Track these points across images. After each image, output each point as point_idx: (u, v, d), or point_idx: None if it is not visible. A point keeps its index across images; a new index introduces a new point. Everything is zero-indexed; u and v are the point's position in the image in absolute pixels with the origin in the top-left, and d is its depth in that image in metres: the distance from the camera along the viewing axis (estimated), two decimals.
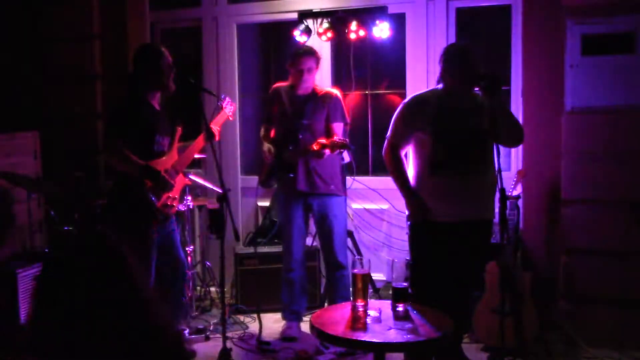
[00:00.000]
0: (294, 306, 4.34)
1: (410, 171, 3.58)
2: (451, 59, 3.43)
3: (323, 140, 3.96)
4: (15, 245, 4.30)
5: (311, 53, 4.20)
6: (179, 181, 3.70)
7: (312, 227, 4.51)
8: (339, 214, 4.25)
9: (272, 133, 4.35)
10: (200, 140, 3.80)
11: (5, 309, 3.71)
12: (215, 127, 3.87)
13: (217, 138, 3.87)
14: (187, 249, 4.55)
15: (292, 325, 4.32)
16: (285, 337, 4.24)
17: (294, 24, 4.72)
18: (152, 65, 3.55)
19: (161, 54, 3.58)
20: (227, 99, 4.22)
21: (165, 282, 3.72)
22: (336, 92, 4.30)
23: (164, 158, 3.61)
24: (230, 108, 4.14)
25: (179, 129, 3.76)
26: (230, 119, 4.23)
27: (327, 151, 3.93)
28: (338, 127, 4.21)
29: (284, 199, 4.34)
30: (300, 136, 4.16)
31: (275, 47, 5.70)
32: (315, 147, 3.96)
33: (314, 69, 4.22)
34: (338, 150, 3.93)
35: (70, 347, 1.32)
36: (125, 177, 3.52)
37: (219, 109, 4.13)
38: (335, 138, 3.97)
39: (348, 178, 4.48)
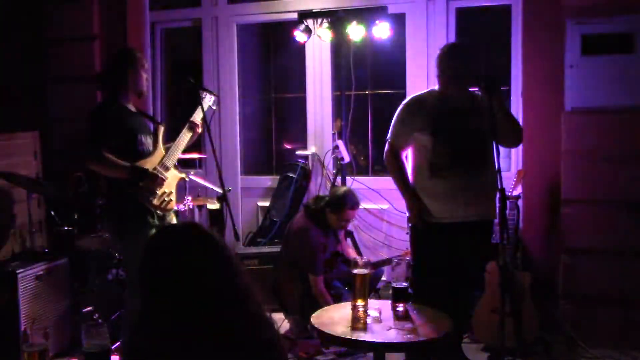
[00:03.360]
0: None
1: (410, 172, 3.58)
2: (450, 59, 3.43)
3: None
4: (15, 245, 4.30)
5: (359, 206, 4.25)
6: (172, 176, 3.68)
7: None
8: None
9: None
10: (184, 134, 3.75)
11: (6, 309, 3.71)
12: (196, 120, 3.79)
13: (199, 129, 3.80)
14: None
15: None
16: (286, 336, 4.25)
17: (294, 24, 4.72)
18: (127, 69, 3.57)
19: (136, 57, 3.60)
20: (205, 93, 4.07)
21: None
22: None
23: (150, 157, 3.60)
24: (210, 98, 3.98)
25: (162, 127, 3.74)
26: (214, 108, 4.09)
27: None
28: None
29: None
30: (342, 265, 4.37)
31: (275, 47, 5.70)
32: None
33: None
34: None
35: (181, 339, 1.34)
36: (117, 178, 3.51)
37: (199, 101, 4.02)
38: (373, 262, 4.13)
39: (348, 178, 4.48)
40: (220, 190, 3.54)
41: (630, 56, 3.94)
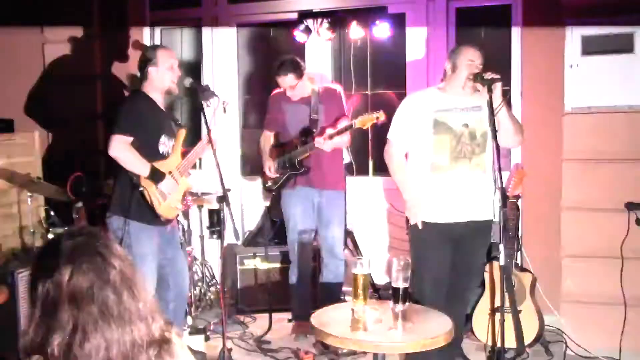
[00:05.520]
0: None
1: (410, 171, 3.58)
2: (456, 58, 3.43)
3: (331, 130, 4.08)
4: (15, 245, 4.30)
5: (288, 71, 4.12)
6: (182, 184, 3.68)
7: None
8: (340, 206, 4.33)
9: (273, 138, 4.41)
10: (203, 145, 3.76)
11: (5, 309, 3.71)
12: (213, 132, 3.81)
13: (215, 146, 3.81)
14: (187, 249, 4.55)
15: None
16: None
17: (294, 24, 4.72)
18: (159, 67, 3.55)
19: (159, 55, 3.59)
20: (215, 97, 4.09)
21: (168, 289, 3.67)
22: (336, 87, 4.33)
23: (168, 160, 3.60)
24: (214, 100, 3.98)
25: (183, 131, 3.75)
26: (225, 112, 4.10)
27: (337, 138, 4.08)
28: (342, 122, 4.24)
29: (291, 198, 4.35)
30: (314, 130, 4.21)
31: (275, 47, 5.70)
32: (324, 138, 4.06)
33: (297, 82, 4.16)
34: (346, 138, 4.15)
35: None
36: (128, 176, 3.50)
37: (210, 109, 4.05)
38: (338, 125, 4.09)
39: (348, 178, 4.48)
40: (220, 190, 3.54)
41: (630, 56, 3.93)
